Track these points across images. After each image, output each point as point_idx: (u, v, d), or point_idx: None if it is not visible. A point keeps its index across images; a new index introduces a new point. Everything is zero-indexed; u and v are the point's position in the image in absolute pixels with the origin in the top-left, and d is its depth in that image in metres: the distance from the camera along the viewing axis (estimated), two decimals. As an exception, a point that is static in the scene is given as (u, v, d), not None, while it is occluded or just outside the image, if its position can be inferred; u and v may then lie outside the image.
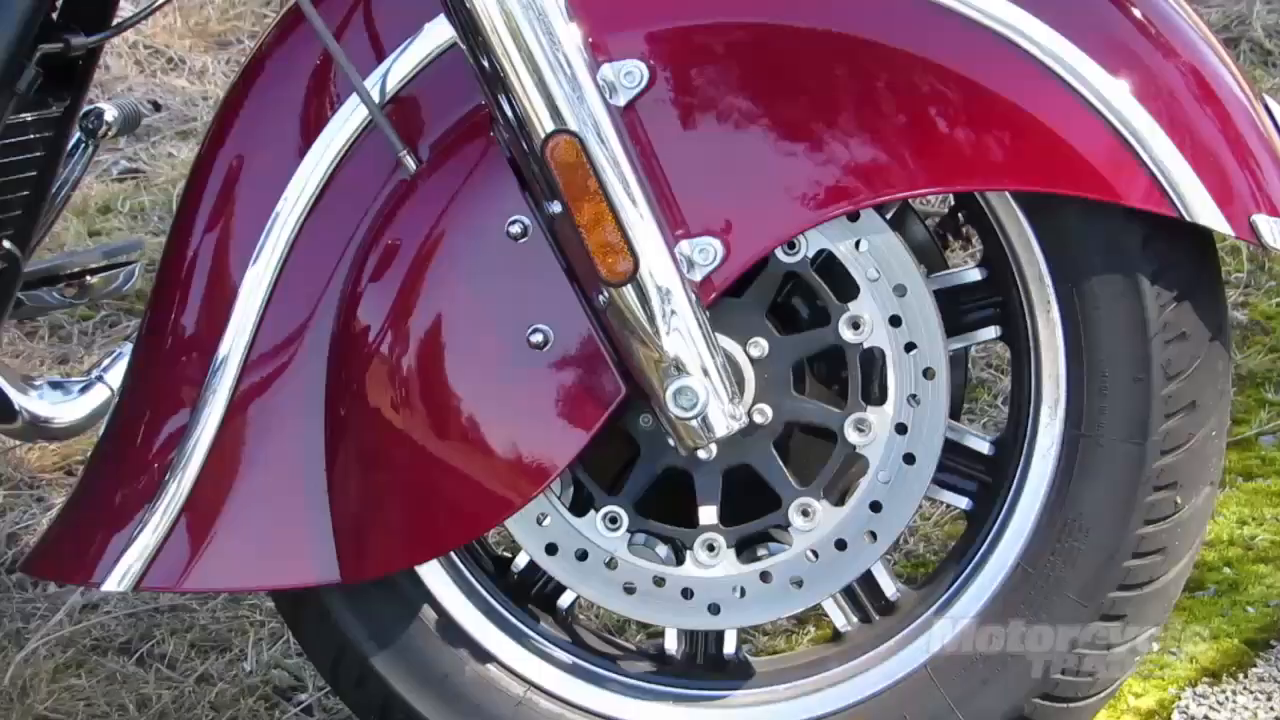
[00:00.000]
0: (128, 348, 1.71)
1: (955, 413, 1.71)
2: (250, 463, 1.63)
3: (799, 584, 1.67)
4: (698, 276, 1.55)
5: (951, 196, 1.70)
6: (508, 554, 1.78)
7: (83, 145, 1.91)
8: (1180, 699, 2.01)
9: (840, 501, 1.66)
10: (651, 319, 1.54)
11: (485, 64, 1.52)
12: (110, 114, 1.90)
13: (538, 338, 1.56)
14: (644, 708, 1.72)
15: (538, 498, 1.61)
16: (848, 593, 1.72)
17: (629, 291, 1.53)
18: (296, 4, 1.61)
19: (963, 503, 1.72)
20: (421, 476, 1.59)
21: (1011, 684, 1.68)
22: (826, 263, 1.62)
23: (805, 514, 1.65)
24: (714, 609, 1.68)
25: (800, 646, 2.09)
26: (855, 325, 1.63)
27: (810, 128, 1.55)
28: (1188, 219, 1.54)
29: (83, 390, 1.80)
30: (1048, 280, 1.62)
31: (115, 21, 1.81)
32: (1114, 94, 1.53)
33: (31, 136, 1.74)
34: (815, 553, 1.66)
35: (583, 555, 1.68)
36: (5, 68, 1.61)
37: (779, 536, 1.68)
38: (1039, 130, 1.53)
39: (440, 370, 1.58)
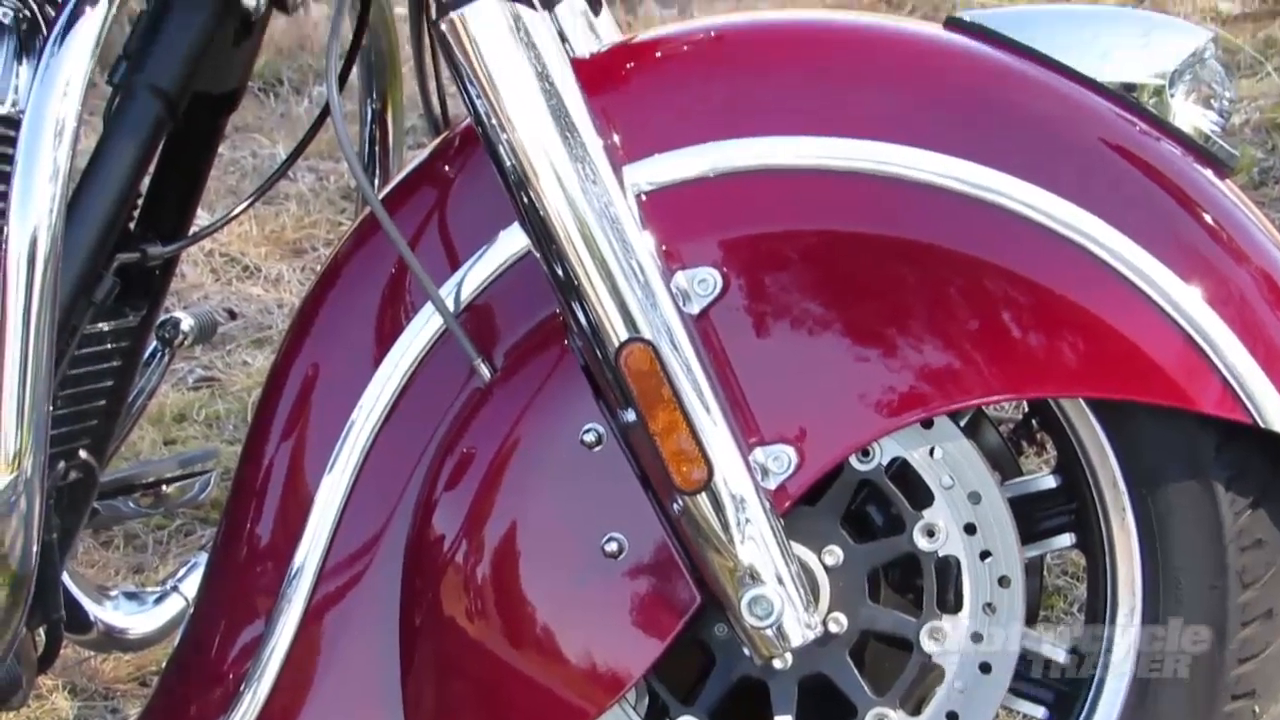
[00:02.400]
0: (203, 557, 1.72)
1: (1031, 620, 1.69)
2: (325, 673, 1.62)
3: (878, 793, 1.65)
4: (772, 484, 1.55)
5: (1025, 402, 1.70)
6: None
7: (159, 354, 1.93)
8: None
9: (916, 711, 1.65)
10: (726, 527, 1.53)
11: (559, 272, 1.54)
12: (187, 323, 1.92)
13: (612, 546, 1.56)
14: None
15: (612, 707, 1.60)
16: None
17: (703, 500, 1.53)
18: (371, 212, 1.63)
19: (1039, 712, 1.70)
20: (496, 686, 1.58)
21: None
22: (901, 470, 1.62)
23: (882, 723, 1.64)
24: (789, 817, 1.66)
25: None
26: (930, 533, 1.62)
27: (883, 333, 1.55)
28: (1262, 425, 1.53)
29: (158, 600, 1.81)
30: (1122, 486, 1.61)
31: (192, 231, 1.84)
32: (1187, 299, 1.53)
33: (109, 346, 1.76)
34: (893, 762, 1.64)
35: (658, 764, 1.66)
36: (83, 278, 1.64)
37: (856, 746, 1.66)
38: (1112, 336, 1.53)
39: (515, 579, 1.58)
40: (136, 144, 1.64)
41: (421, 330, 1.62)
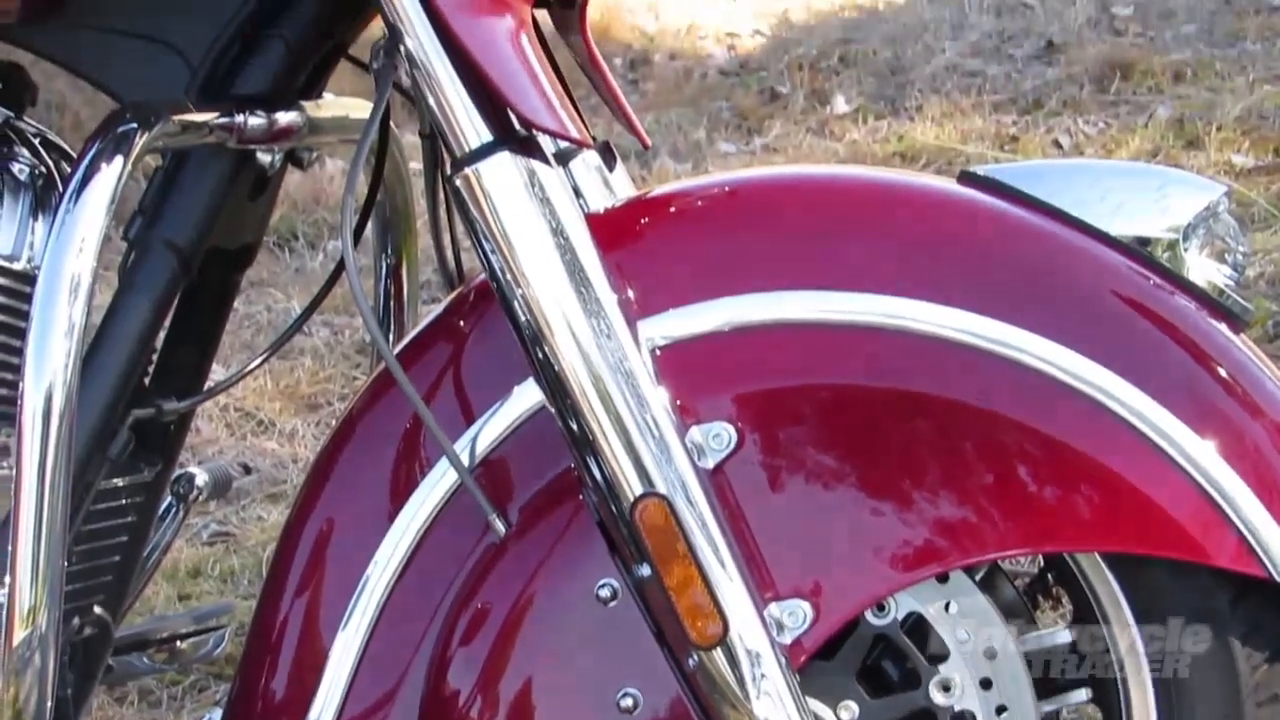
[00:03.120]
0: (217, 713, 1.70)
1: (1048, 776, 1.68)
2: (341, 831, 1.61)
3: None
4: (787, 639, 1.54)
5: (1040, 556, 1.69)
6: None
7: (174, 509, 1.93)
8: None
9: None
10: (741, 683, 1.52)
11: (573, 427, 1.54)
12: (201, 478, 1.92)
13: (627, 701, 1.55)
14: None
15: None
16: None
17: (718, 655, 1.52)
18: (386, 367, 1.63)
19: None
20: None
21: None
22: (916, 624, 1.61)
23: None
24: None
25: None
26: (946, 688, 1.61)
27: (898, 488, 1.55)
28: (1278, 579, 1.52)
29: (172, 757, 1.79)
30: (1137, 640, 1.60)
31: (207, 386, 1.84)
32: (1202, 454, 1.52)
33: (123, 502, 1.76)
34: None
35: None
36: (98, 434, 1.64)
37: None
38: (1127, 490, 1.53)
39: (530, 735, 1.57)
40: (152, 300, 1.65)
41: (436, 485, 1.61)
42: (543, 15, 1.65)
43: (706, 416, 1.55)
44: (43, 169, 1.68)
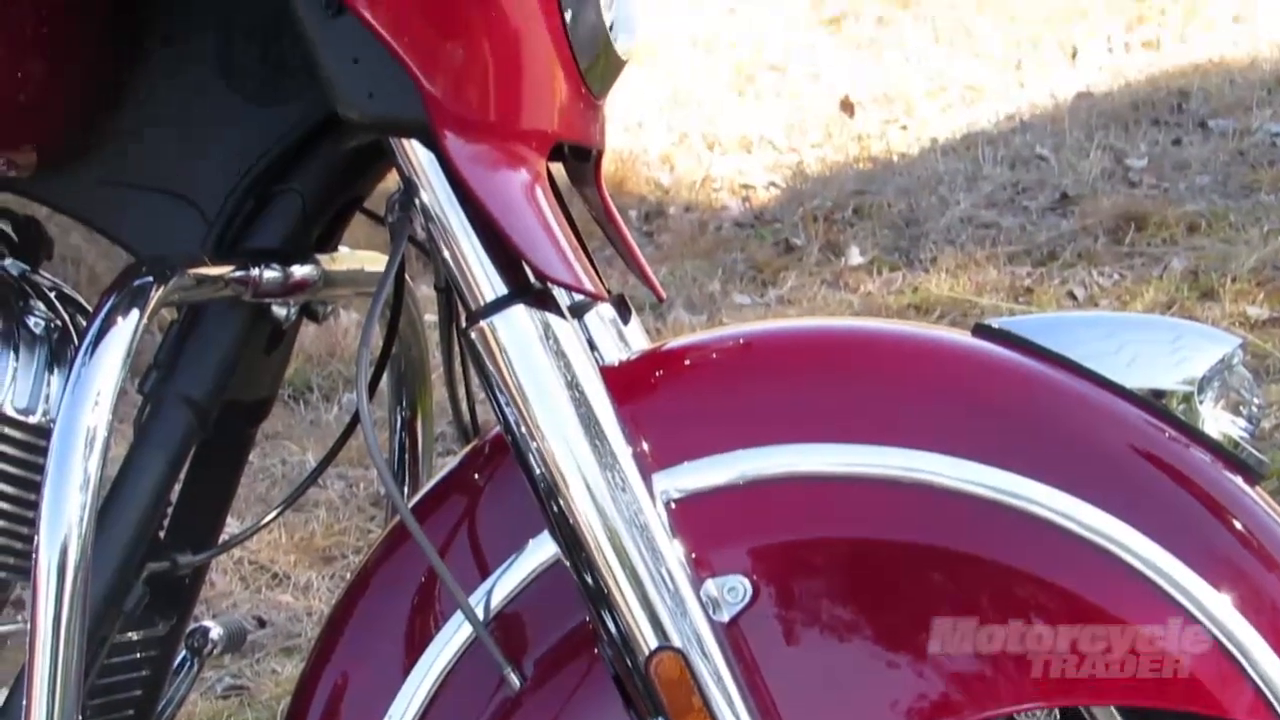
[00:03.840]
0: None
1: None
2: None
3: None
4: (803, 793, 1.53)
5: (1056, 709, 1.68)
6: None
7: (188, 663, 1.91)
8: None
9: None
10: (757, 836, 1.51)
11: (588, 580, 1.53)
12: (216, 632, 1.91)
13: None
14: None
15: None
16: None
17: (734, 808, 1.51)
18: (401, 520, 1.63)
19: None
20: None
21: None
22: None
23: None
24: None
25: None
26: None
27: (914, 641, 1.54)
28: (1297, 733, 1.51)
29: None
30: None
31: (222, 539, 1.84)
32: (1217, 606, 1.51)
33: (138, 655, 1.75)
34: None
35: None
36: (113, 587, 1.63)
37: None
38: (1143, 642, 1.52)
39: None
40: (167, 454, 1.65)
41: (451, 639, 1.61)
42: (557, 168, 1.66)
43: (721, 569, 1.55)
44: (58, 323, 1.69)
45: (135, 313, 1.53)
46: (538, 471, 1.53)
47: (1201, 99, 6.34)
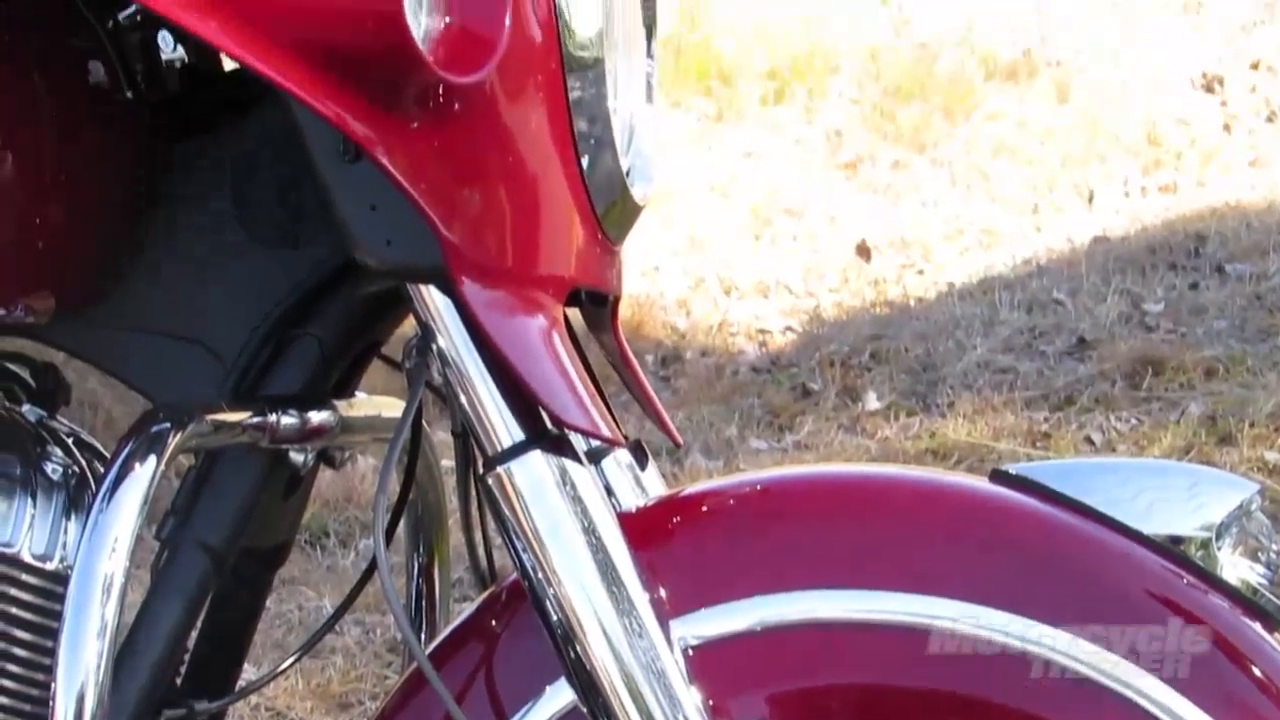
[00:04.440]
0: None
1: None
2: None
3: None
4: None
5: None
6: None
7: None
8: None
9: None
10: None
11: (605, 727, 1.53)
12: (231, 779, 1.90)
13: None
14: None
15: None
16: None
17: None
18: (418, 666, 1.62)
19: None
20: None
21: None
22: None
23: None
24: None
25: None
26: None
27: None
28: None
29: None
30: None
31: (239, 686, 1.83)
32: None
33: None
34: None
35: None
36: (130, 736, 1.63)
37: None
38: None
39: None
40: (184, 600, 1.65)
41: (470, 787, 1.60)
42: (574, 313, 1.67)
43: (739, 715, 1.54)
44: (76, 469, 1.69)
45: (152, 459, 1.53)
46: (555, 618, 1.53)
47: (1218, 243, 6.35)
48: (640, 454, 1.71)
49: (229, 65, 1.67)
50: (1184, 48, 7.81)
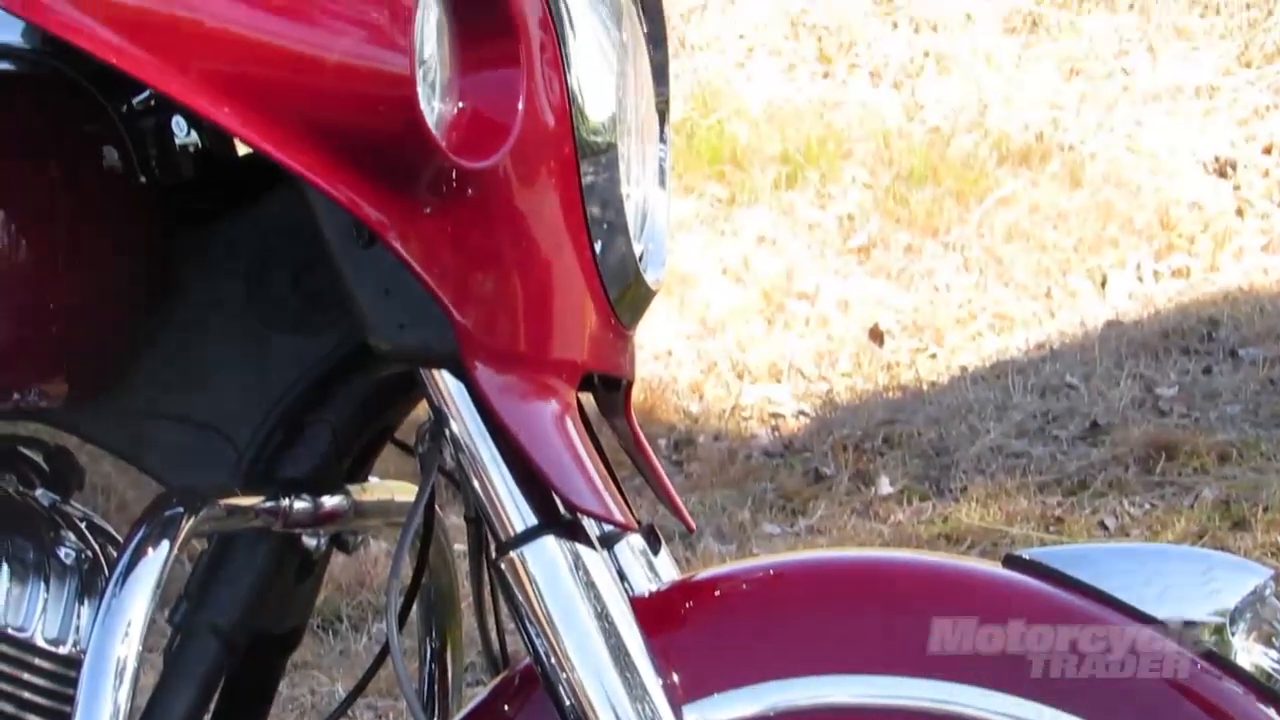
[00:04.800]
0: None
1: None
2: None
3: None
4: None
5: None
6: None
7: None
8: None
9: None
10: None
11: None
12: None
13: None
14: None
15: None
16: None
17: None
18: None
19: None
20: None
21: None
22: None
23: None
24: None
25: None
26: None
27: None
28: None
29: None
30: None
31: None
32: None
33: None
34: None
35: None
36: None
37: None
38: None
39: None
40: (197, 685, 1.64)
41: None
42: (587, 397, 1.67)
43: None
44: (89, 553, 1.69)
45: (165, 544, 1.53)
46: (568, 703, 1.53)
47: (1232, 327, 6.36)
48: (653, 538, 1.70)
49: (243, 150, 1.68)
50: (1197, 132, 7.83)
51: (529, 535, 1.54)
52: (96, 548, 1.70)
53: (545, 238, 1.56)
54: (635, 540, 1.69)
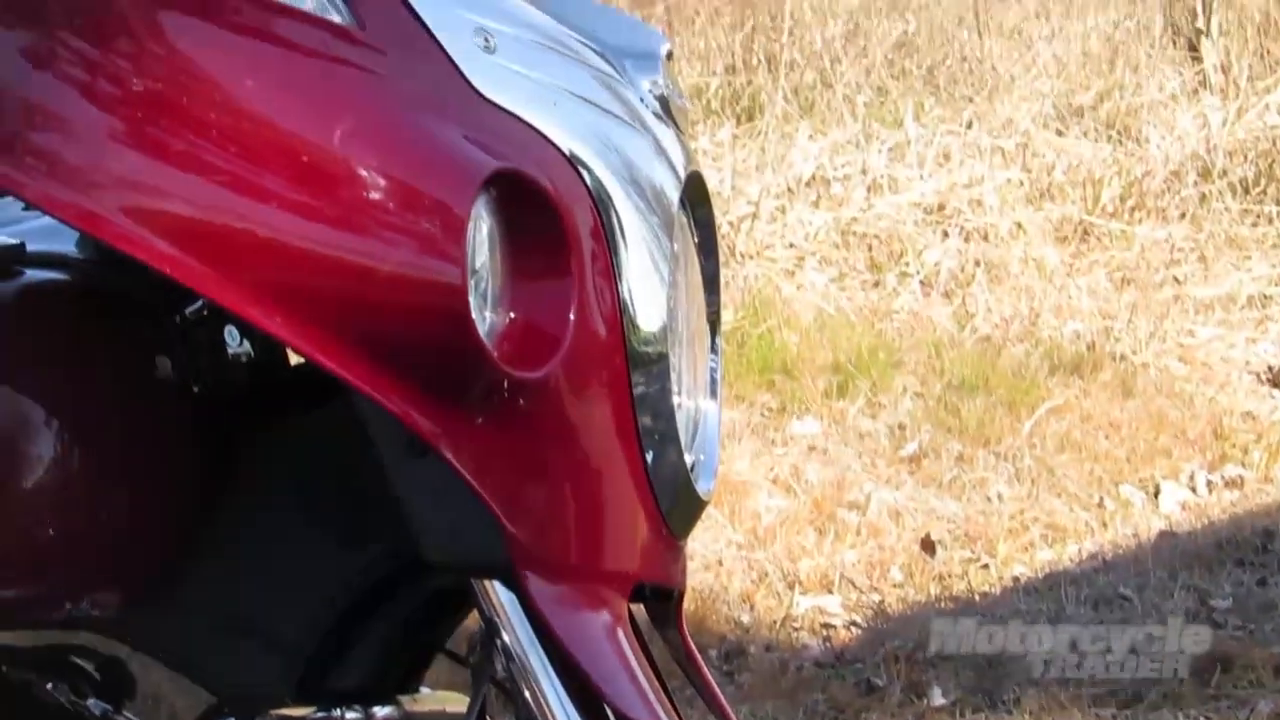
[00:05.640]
0: None
1: None
2: None
3: None
4: None
5: None
6: None
7: None
8: None
9: None
10: None
11: None
12: None
13: None
14: None
15: None
16: None
17: None
18: None
19: None
20: None
21: None
22: None
23: None
24: None
25: None
26: None
27: None
28: None
29: None
30: None
31: None
32: None
33: None
34: None
35: None
36: None
37: None
38: None
39: None
40: None
41: None
42: (638, 608, 1.66)
43: None
44: None
45: None
46: None
47: (1286, 538, 6.31)
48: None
49: (295, 359, 1.69)
50: (1249, 342, 7.83)
51: (579, 742, 1.53)
52: (149, 753, 1.70)
53: (597, 448, 1.56)
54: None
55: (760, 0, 9.88)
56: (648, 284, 1.59)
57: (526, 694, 1.55)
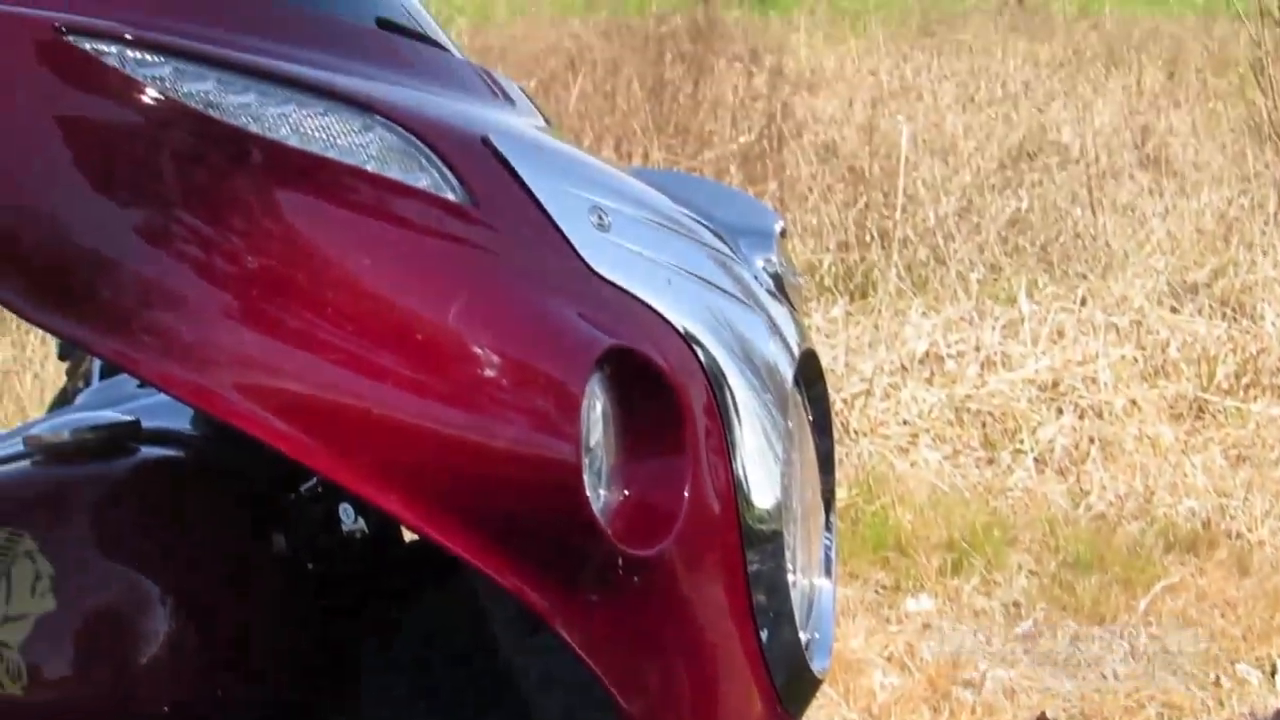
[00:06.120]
0: None
1: None
2: None
3: None
4: None
5: None
6: None
7: None
8: None
9: None
10: None
11: None
12: None
13: None
14: None
15: None
16: None
17: None
18: None
19: None
20: None
21: None
22: None
23: None
24: None
25: None
26: None
27: None
28: None
29: None
30: None
31: None
32: None
33: None
34: None
35: None
36: None
37: None
38: None
39: None
40: None
41: None
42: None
43: None
44: None
45: None
46: None
47: None
48: None
49: (409, 536, 1.69)
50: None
51: None
52: None
53: (711, 625, 1.55)
54: None
55: (873, 177, 9.93)
56: (762, 461, 1.58)
57: None
